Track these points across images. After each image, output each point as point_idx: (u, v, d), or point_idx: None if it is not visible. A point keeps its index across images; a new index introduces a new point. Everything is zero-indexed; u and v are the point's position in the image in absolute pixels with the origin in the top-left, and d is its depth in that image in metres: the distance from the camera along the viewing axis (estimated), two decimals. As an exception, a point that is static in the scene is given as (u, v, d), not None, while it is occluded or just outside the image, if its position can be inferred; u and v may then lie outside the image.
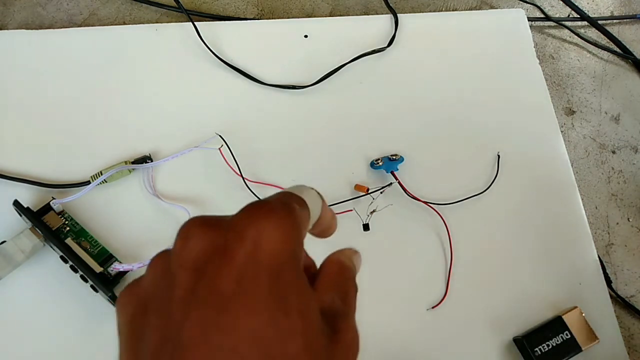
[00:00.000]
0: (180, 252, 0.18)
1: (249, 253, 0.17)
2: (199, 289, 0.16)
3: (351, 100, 0.49)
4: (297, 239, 0.18)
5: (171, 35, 0.50)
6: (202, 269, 0.17)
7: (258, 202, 0.18)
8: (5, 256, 0.38)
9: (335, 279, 0.20)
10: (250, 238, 0.17)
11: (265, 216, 0.17)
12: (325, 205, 0.23)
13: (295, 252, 0.18)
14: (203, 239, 0.17)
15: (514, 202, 0.46)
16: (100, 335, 0.38)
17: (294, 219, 0.18)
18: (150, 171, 0.44)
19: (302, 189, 0.22)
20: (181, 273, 0.17)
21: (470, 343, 0.41)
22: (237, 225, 0.17)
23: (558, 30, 0.58)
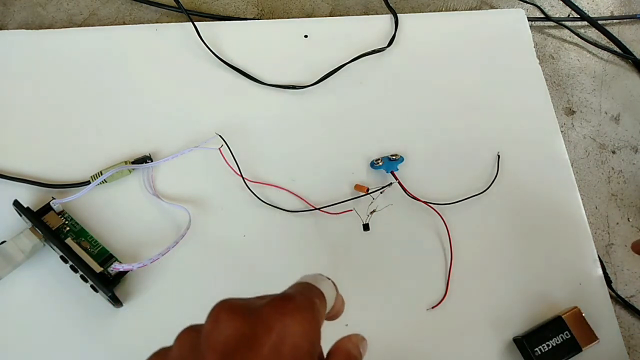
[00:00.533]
0: (210, 334, 0.19)
1: (274, 345, 0.18)
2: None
3: (351, 100, 0.49)
4: (316, 333, 0.20)
5: (171, 35, 0.50)
6: (230, 354, 0.18)
7: (285, 296, 0.21)
8: (5, 256, 0.38)
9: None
10: (277, 331, 0.19)
11: (291, 312, 0.20)
12: (339, 294, 0.25)
13: (313, 346, 0.20)
14: (233, 325, 0.19)
15: (514, 202, 0.46)
16: (100, 335, 0.38)
17: (315, 315, 0.20)
18: (150, 171, 0.44)
19: (320, 280, 0.24)
20: (210, 355, 0.19)
21: (470, 343, 0.41)
22: (266, 317, 0.19)
23: (558, 30, 0.58)
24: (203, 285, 0.40)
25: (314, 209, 0.43)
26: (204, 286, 0.40)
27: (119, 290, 0.39)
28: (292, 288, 0.22)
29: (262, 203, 0.43)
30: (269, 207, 0.43)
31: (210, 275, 0.41)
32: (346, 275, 0.41)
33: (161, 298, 0.39)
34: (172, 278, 0.40)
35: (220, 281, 0.40)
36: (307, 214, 0.43)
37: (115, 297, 0.37)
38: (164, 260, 0.39)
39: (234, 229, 0.42)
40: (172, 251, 0.39)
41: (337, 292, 0.25)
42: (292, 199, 0.44)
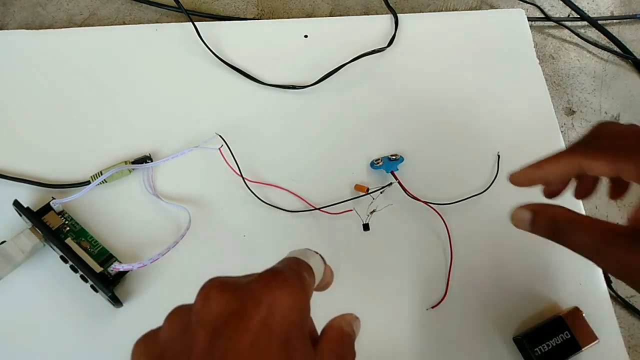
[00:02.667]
0: (200, 311, 0.20)
1: (263, 318, 0.19)
2: (217, 347, 0.18)
3: (351, 100, 0.49)
4: (305, 306, 0.20)
5: (171, 35, 0.50)
6: (220, 329, 0.19)
7: (273, 270, 0.21)
8: (5, 256, 0.38)
9: (334, 346, 0.22)
10: (266, 304, 0.19)
11: (279, 285, 0.20)
12: (327, 265, 0.25)
13: (303, 318, 0.20)
14: (222, 301, 0.20)
15: (513, 202, 0.46)
16: (100, 335, 0.38)
17: (304, 287, 0.21)
18: (150, 171, 0.44)
19: (308, 254, 0.24)
20: (200, 331, 0.19)
21: (470, 343, 0.41)
22: (254, 292, 0.20)
23: (558, 30, 0.58)
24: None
25: (314, 209, 0.43)
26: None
27: (119, 290, 0.39)
28: (280, 263, 0.23)
29: (262, 203, 0.43)
30: (269, 207, 0.43)
31: (210, 275, 0.40)
32: (346, 275, 0.41)
33: (161, 298, 0.39)
34: (172, 278, 0.40)
35: (220, 281, 0.40)
36: (307, 214, 0.43)
37: (115, 297, 0.37)
38: (164, 260, 0.39)
39: (234, 229, 0.42)
40: (172, 251, 0.39)
41: (325, 265, 0.25)
42: (292, 199, 0.44)
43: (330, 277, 0.26)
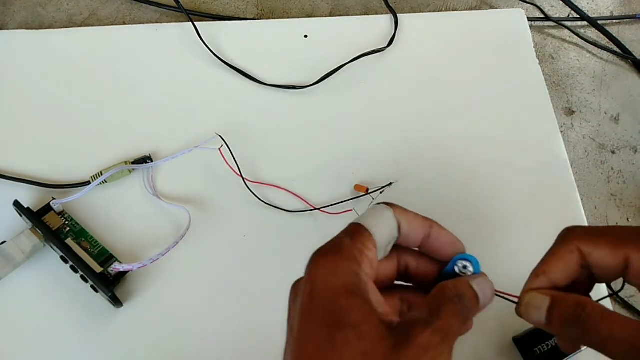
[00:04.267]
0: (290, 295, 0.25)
1: (308, 293, 0.23)
2: (289, 319, 0.24)
3: (351, 100, 0.49)
4: (347, 269, 0.23)
5: (171, 35, 0.50)
6: (290, 306, 0.24)
7: (316, 250, 0.24)
8: (5, 256, 0.38)
9: (429, 300, 0.24)
10: (308, 282, 0.23)
11: (314, 261, 0.23)
12: (401, 210, 0.27)
13: (348, 281, 0.23)
14: (294, 287, 0.25)
15: (513, 202, 0.46)
16: (100, 335, 0.38)
17: (341, 253, 0.23)
18: (150, 171, 0.44)
19: (370, 210, 0.26)
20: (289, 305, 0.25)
21: (471, 343, 0.41)
22: (306, 272, 0.24)
23: (558, 30, 0.58)
24: (203, 285, 0.40)
25: (313, 209, 0.43)
26: (204, 286, 0.40)
27: (119, 291, 0.39)
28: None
29: (262, 203, 0.43)
30: (269, 207, 0.43)
31: (210, 275, 0.41)
32: (346, 276, 0.41)
33: (161, 298, 0.39)
34: (172, 278, 0.40)
35: (220, 281, 0.40)
36: (307, 214, 0.43)
37: (115, 297, 0.37)
38: (164, 260, 0.39)
39: (234, 229, 0.42)
40: (172, 251, 0.39)
41: (400, 213, 0.26)
42: (292, 199, 0.44)
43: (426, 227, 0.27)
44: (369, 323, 0.22)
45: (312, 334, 0.22)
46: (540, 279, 0.28)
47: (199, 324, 0.39)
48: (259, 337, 0.38)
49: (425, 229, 0.27)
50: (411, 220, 0.27)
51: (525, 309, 0.27)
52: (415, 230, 0.27)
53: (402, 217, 0.26)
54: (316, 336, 0.22)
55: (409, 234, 0.26)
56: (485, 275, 0.27)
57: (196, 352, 0.38)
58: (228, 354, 0.38)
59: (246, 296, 0.40)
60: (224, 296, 0.40)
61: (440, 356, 0.22)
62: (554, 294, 0.26)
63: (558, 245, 0.28)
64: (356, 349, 0.21)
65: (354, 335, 0.21)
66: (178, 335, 0.38)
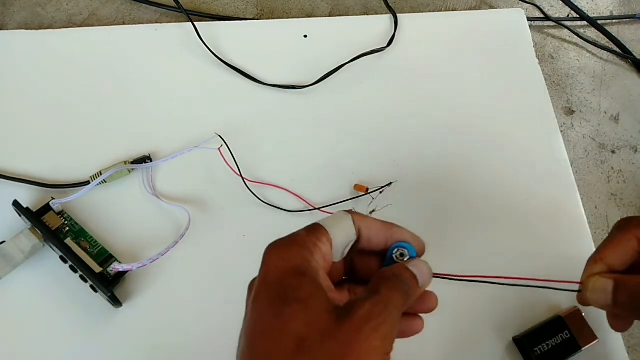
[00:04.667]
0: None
1: (262, 276, 0.25)
2: (247, 301, 0.26)
3: (351, 100, 0.49)
4: (298, 255, 0.25)
5: (171, 35, 0.50)
6: (250, 289, 0.26)
7: (276, 239, 0.26)
8: (5, 256, 0.38)
9: (370, 284, 0.26)
10: (263, 266, 0.25)
11: (268, 250, 0.26)
12: (361, 217, 0.28)
13: (298, 265, 0.24)
14: (252, 281, 0.27)
15: (513, 202, 0.46)
16: (100, 335, 0.38)
17: (294, 242, 0.26)
18: (150, 171, 0.44)
19: (331, 216, 0.28)
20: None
21: (471, 343, 0.41)
22: (262, 260, 0.26)
23: (558, 30, 0.58)
24: (203, 285, 0.40)
25: (313, 209, 0.43)
26: (204, 286, 0.40)
27: (119, 291, 0.39)
28: None
29: (262, 203, 0.43)
30: (269, 207, 0.43)
31: (210, 275, 0.41)
32: (346, 275, 0.41)
33: (161, 298, 0.39)
34: (171, 278, 0.40)
35: (220, 281, 0.40)
36: (307, 214, 0.43)
37: (114, 297, 0.37)
38: (163, 260, 0.39)
39: (234, 229, 0.42)
40: (171, 251, 0.39)
41: (356, 218, 0.28)
42: (292, 199, 0.44)
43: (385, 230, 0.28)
44: (316, 299, 0.23)
45: (262, 312, 0.24)
46: (599, 265, 0.30)
47: (199, 324, 0.39)
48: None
49: (386, 232, 0.28)
50: (371, 224, 0.28)
51: (591, 293, 0.29)
52: (375, 234, 0.28)
53: (362, 222, 0.28)
54: (266, 313, 0.23)
55: (370, 237, 0.28)
56: (421, 259, 0.29)
57: (196, 351, 0.38)
58: (228, 354, 0.38)
59: (244, 297, 0.40)
60: (223, 296, 0.40)
61: (382, 324, 0.23)
62: (616, 277, 0.28)
63: (616, 233, 0.30)
64: (301, 320, 0.22)
65: (300, 309, 0.23)
66: (177, 335, 0.38)
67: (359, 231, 0.28)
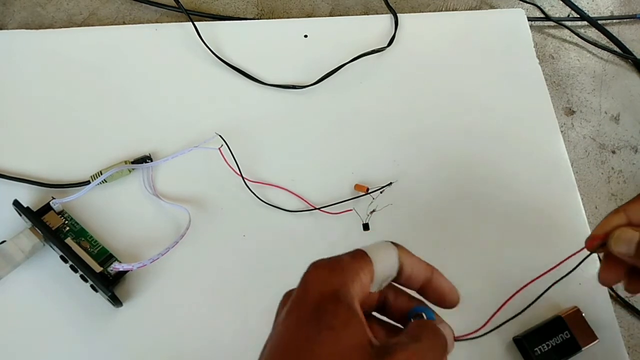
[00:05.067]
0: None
1: (299, 294, 0.24)
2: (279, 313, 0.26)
3: (351, 100, 0.49)
4: (339, 281, 0.24)
5: (171, 35, 0.50)
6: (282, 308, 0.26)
7: (315, 260, 0.26)
8: (5, 256, 0.38)
9: (409, 329, 0.26)
10: (302, 284, 0.25)
11: (311, 269, 0.25)
12: (406, 253, 0.28)
13: (338, 291, 0.24)
14: (290, 290, 0.26)
15: (513, 202, 0.46)
16: (100, 335, 0.38)
17: (337, 267, 0.25)
18: (150, 171, 0.44)
19: (375, 243, 0.27)
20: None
21: (471, 343, 0.41)
22: (301, 278, 0.25)
23: (558, 30, 0.58)
24: (203, 285, 0.40)
25: (314, 209, 0.43)
26: (204, 286, 0.40)
27: (119, 290, 0.39)
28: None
29: (262, 203, 0.43)
30: (269, 207, 0.43)
31: (210, 275, 0.41)
32: (346, 275, 0.41)
33: (161, 298, 0.39)
34: (172, 278, 0.40)
35: (220, 281, 0.40)
36: (307, 214, 0.43)
37: (115, 297, 0.37)
38: (163, 260, 0.39)
39: (234, 229, 0.42)
40: (172, 251, 0.39)
41: (402, 253, 0.27)
42: (292, 199, 0.44)
43: (426, 272, 0.28)
44: (351, 330, 0.23)
45: (296, 330, 0.23)
46: (620, 216, 0.31)
47: (199, 324, 0.39)
48: (259, 337, 0.38)
49: (427, 275, 0.28)
50: (414, 263, 0.28)
51: (615, 241, 0.30)
52: (416, 274, 0.28)
53: (406, 259, 0.27)
54: (299, 332, 0.23)
55: (411, 276, 0.28)
56: (447, 325, 0.29)
57: (196, 351, 0.38)
58: (228, 354, 0.38)
59: (246, 296, 0.40)
60: (223, 296, 0.40)
61: None
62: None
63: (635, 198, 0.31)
64: (332, 349, 0.22)
65: (333, 337, 0.22)
66: (177, 334, 0.38)
67: (400, 267, 0.27)
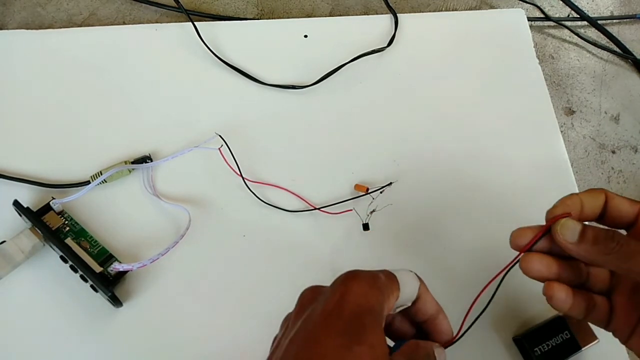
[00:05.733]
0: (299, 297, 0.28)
1: (336, 301, 0.25)
2: (301, 317, 0.25)
3: (351, 100, 0.49)
4: (377, 298, 0.25)
5: (171, 35, 0.50)
6: (305, 305, 0.26)
7: (351, 271, 0.26)
8: (5, 256, 0.38)
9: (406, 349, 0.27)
10: (339, 292, 0.25)
11: (352, 279, 0.26)
12: (425, 288, 0.30)
13: (374, 307, 0.25)
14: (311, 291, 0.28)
15: (513, 202, 0.46)
16: (100, 335, 0.38)
17: (376, 284, 0.26)
18: (150, 171, 0.44)
19: (401, 269, 0.29)
20: (295, 307, 0.27)
21: (470, 343, 0.41)
22: (334, 284, 0.26)
23: (558, 30, 0.58)
24: (203, 285, 0.40)
25: (314, 209, 0.43)
26: (204, 286, 0.40)
27: (119, 290, 0.39)
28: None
29: (262, 203, 0.43)
30: (269, 207, 0.43)
31: (210, 275, 0.41)
32: (346, 275, 0.41)
33: (161, 298, 0.39)
34: (172, 278, 0.40)
35: (220, 281, 0.40)
36: (307, 214, 0.43)
37: (115, 297, 0.37)
38: (164, 260, 0.39)
39: (234, 229, 0.42)
40: (172, 251, 0.39)
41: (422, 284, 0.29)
42: (292, 199, 0.44)
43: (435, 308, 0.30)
44: (382, 348, 0.24)
45: (330, 337, 0.23)
46: (567, 206, 0.34)
47: (199, 324, 0.39)
48: (259, 337, 0.38)
49: (435, 312, 0.30)
50: (428, 299, 0.30)
51: (561, 228, 0.33)
52: (427, 309, 0.30)
53: (424, 293, 0.29)
54: (333, 341, 0.23)
55: (422, 309, 0.30)
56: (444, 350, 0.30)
57: (196, 351, 0.38)
58: (228, 354, 0.38)
59: (246, 296, 0.40)
60: (223, 296, 0.40)
61: None
62: (584, 225, 0.32)
63: (590, 189, 0.34)
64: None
65: (369, 352, 0.23)
66: (178, 335, 0.38)
67: (417, 299, 0.29)
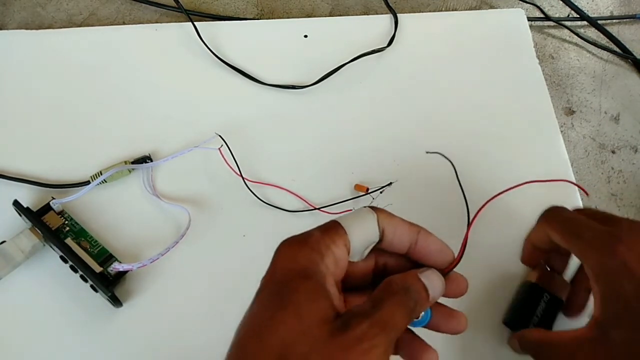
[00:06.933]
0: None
1: (269, 274, 0.25)
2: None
3: (351, 100, 0.49)
4: (308, 257, 0.24)
5: (171, 35, 0.50)
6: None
7: (289, 237, 0.26)
8: (5, 256, 0.38)
9: (374, 293, 0.24)
10: (272, 262, 0.25)
11: (280, 246, 0.25)
12: (387, 216, 0.26)
13: (308, 267, 0.24)
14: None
15: (513, 202, 0.46)
16: (100, 335, 0.38)
17: (307, 242, 0.25)
18: (150, 171, 0.44)
19: (353, 212, 0.27)
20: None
21: (464, 336, 0.41)
22: (272, 257, 0.25)
23: (558, 30, 0.58)
24: (203, 285, 0.40)
25: (314, 209, 0.43)
26: (204, 286, 0.40)
27: (119, 290, 0.39)
28: None
29: (262, 203, 0.43)
30: (269, 207, 0.43)
31: (210, 275, 0.41)
32: (346, 275, 0.41)
33: (161, 298, 0.39)
34: (172, 278, 0.40)
35: (220, 281, 0.40)
36: (307, 214, 0.43)
37: (115, 297, 0.37)
38: (163, 260, 0.39)
39: (234, 229, 0.42)
40: (172, 251, 0.39)
41: (382, 216, 0.26)
42: (292, 199, 0.44)
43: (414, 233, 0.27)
44: (315, 305, 0.23)
45: (259, 310, 0.23)
46: (527, 245, 0.38)
47: (199, 324, 0.39)
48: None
49: (412, 236, 0.27)
50: (397, 225, 0.26)
51: (511, 346, 0.38)
52: (400, 237, 0.26)
53: (388, 222, 0.26)
54: (263, 313, 0.23)
55: (394, 240, 0.26)
56: (434, 270, 0.27)
57: (196, 351, 0.38)
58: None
59: (246, 296, 0.40)
60: (223, 296, 0.40)
61: (374, 348, 0.21)
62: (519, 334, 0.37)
63: (536, 224, 0.37)
64: (293, 325, 0.22)
65: (294, 313, 0.22)
66: (178, 335, 0.38)
67: (382, 232, 0.26)
